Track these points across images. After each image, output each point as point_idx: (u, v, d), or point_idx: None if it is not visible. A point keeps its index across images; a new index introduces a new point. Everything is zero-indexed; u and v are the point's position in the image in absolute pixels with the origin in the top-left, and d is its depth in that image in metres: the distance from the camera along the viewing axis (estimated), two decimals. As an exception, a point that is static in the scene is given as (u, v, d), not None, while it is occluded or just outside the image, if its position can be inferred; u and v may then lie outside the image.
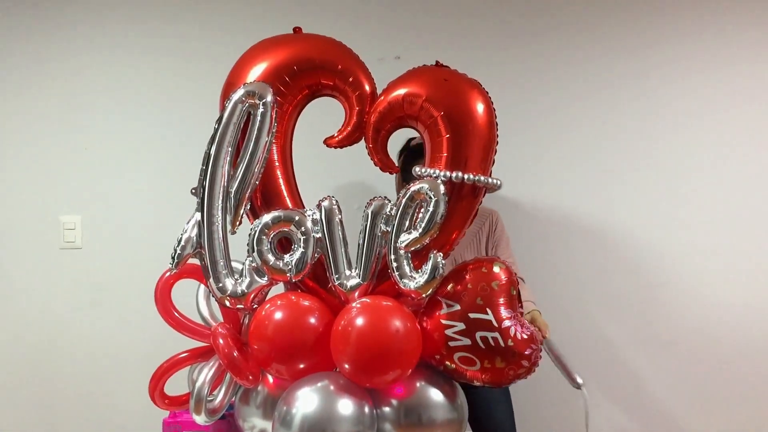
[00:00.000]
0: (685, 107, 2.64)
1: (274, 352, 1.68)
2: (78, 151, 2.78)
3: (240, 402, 1.82)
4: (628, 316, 2.66)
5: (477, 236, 2.33)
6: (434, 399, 1.68)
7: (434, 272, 1.63)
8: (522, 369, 1.64)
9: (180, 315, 1.87)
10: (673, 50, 2.64)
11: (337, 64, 1.77)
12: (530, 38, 2.68)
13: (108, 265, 2.76)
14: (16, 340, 2.81)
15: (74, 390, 2.80)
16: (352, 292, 1.68)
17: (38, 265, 2.79)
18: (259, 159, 1.71)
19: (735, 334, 2.62)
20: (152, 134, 2.76)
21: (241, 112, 1.71)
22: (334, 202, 1.70)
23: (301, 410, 1.60)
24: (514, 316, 1.65)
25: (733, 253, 2.62)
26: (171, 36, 2.75)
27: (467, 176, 1.67)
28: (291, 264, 1.68)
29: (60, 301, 2.79)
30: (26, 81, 2.79)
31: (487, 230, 2.34)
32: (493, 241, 2.34)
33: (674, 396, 2.65)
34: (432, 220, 1.63)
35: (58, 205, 2.79)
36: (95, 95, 2.77)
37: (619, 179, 2.66)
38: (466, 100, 1.71)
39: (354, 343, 1.62)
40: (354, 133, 1.79)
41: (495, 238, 2.35)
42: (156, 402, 1.87)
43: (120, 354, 2.76)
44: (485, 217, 2.36)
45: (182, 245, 1.70)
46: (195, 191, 1.72)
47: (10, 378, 2.82)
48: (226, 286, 1.70)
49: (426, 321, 1.69)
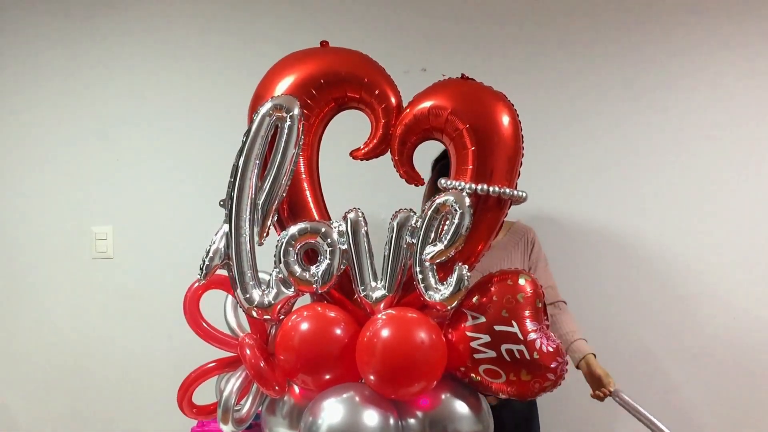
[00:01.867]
0: (714, 117, 2.61)
1: (300, 362, 1.69)
2: (110, 162, 2.82)
3: (266, 412, 1.83)
4: (658, 328, 2.63)
5: (510, 253, 2.27)
6: (459, 411, 1.68)
7: (459, 284, 1.63)
8: (548, 382, 1.64)
9: (208, 325, 1.88)
10: (701, 59, 2.62)
11: (364, 77, 1.78)
12: (557, 49, 2.67)
13: (139, 275, 2.80)
14: (48, 350, 2.85)
15: (104, 399, 2.83)
16: (378, 303, 1.68)
17: (70, 275, 2.84)
18: (286, 171, 1.73)
19: (765, 346, 2.58)
20: (182, 146, 2.79)
21: (269, 125, 1.73)
22: (360, 214, 1.71)
23: (326, 421, 1.61)
24: (540, 328, 1.65)
25: (764, 265, 2.58)
26: (201, 49, 2.79)
27: (492, 188, 1.67)
28: (317, 275, 1.70)
29: (91, 310, 2.83)
30: (59, 92, 2.84)
31: (521, 248, 2.29)
32: (530, 263, 2.29)
33: (705, 408, 2.61)
34: (457, 232, 1.63)
35: (91, 215, 2.83)
36: (127, 107, 2.82)
37: (648, 190, 2.64)
38: (491, 112, 1.72)
39: (379, 354, 1.62)
40: (380, 145, 1.81)
41: (532, 260, 2.29)
42: (184, 411, 1.89)
43: (149, 363, 2.79)
44: (521, 234, 2.31)
45: (210, 256, 1.72)
46: (223, 203, 1.74)
47: (42, 387, 2.87)
48: (254, 297, 1.71)
49: (451, 333, 1.69)
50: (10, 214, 2.87)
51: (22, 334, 2.86)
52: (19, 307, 2.87)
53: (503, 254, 2.26)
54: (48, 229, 2.85)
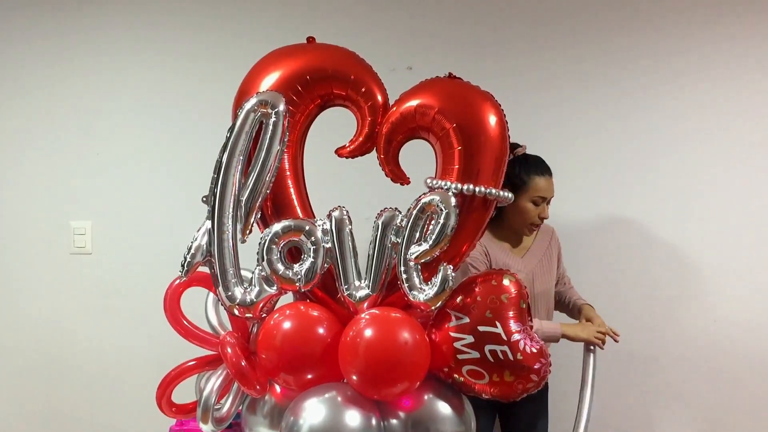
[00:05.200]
0: (708, 116, 2.63)
1: (282, 362, 1.68)
2: (89, 157, 2.79)
3: (247, 411, 1.82)
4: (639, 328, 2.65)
5: (547, 253, 2.32)
6: (442, 412, 1.68)
7: (444, 285, 1.63)
8: (531, 383, 1.64)
9: (188, 323, 1.87)
10: (701, 56, 2.64)
11: (350, 75, 1.77)
12: (545, 49, 2.67)
13: (118, 271, 2.78)
14: (25, 345, 2.82)
15: (81, 396, 2.81)
16: (361, 302, 1.67)
17: (48, 269, 2.81)
18: (271, 168, 1.71)
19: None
20: (164, 141, 2.77)
21: (254, 120, 1.71)
22: (344, 213, 1.70)
23: (308, 421, 1.60)
24: (524, 329, 1.65)
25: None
26: (184, 43, 2.76)
27: (478, 189, 1.67)
28: (300, 274, 1.68)
29: (69, 306, 2.80)
30: (38, 85, 2.80)
31: (553, 249, 2.35)
32: (557, 257, 2.38)
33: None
34: (443, 232, 1.62)
35: (69, 210, 2.80)
36: (107, 101, 2.78)
37: (648, 187, 2.66)
38: (478, 112, 1.71)
39: (362, 354, 1.61)
40: (366, 143, 1.80)
41: (559, 256, 2.39)
42: (163, 410, 1.88)
43: (128, 360, 2.77)
44: (548, 233, 2.36)
45: (192, 253, 1.70)
46: (206, 199, 1.72)
47: (18, 381, 2.84)
48: (236, 295, 1.70)
49: (435, 333, 1.69)
50: (-13, 208, 2.82)
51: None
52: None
53: (541, 257, 2.30)
54: (25, 223, 2.81)
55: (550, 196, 2.20)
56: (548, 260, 2.29)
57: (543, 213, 2.18)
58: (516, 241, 2.28)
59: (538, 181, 2.15)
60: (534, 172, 2.16)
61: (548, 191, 2.18)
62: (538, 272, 2.23)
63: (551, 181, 2.20)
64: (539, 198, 2.16)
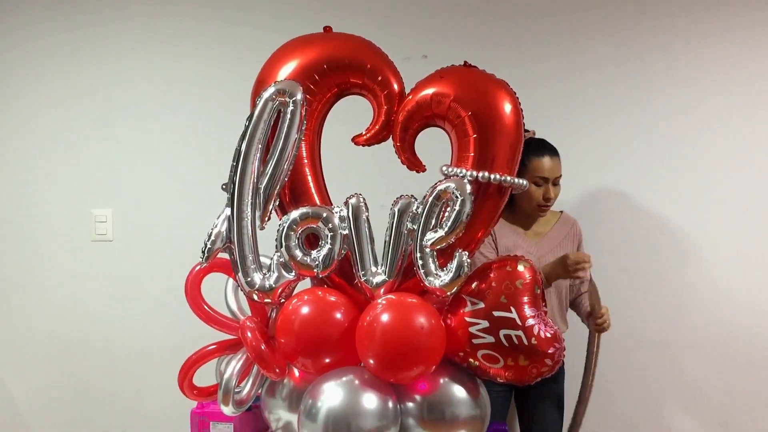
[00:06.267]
0: (714, 108, 2.63)
1: (300, 346, 1.70)
2: (110, 145, 2.82)
3: (266, 394, 1.85)
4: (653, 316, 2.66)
5: (564, 243, 2.34)
6: (457, 395, 1.70)
7: (459, 271, 1.65)
8: (545, 367, 1.66)
9: (209, 308, 1.90)
10: (704, 49, 2.63)
11: (366, 63, 1.78)
12: (559, 37, 2.67)
13: (139, 258, 2.81)
14: (48, 332, 2.87)
15: (104, 380, 2.85)
16: (378, 288, 1.69)
17: (70, 257, 2.85)
18: (289, 156, 1.73)
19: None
20: (184, 130, 2.79)
21: (272, 109, 1.73)
22: (361, 200, 1.72)
23: (326, 404, 1.63)
24: (538, 314, 1.67)
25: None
26: (204, 33, 2.78)
27: (493, 176, 1.68)
28: (318, 260, 1.71)
29: (91, 293, 2.84)
30: (59, 75, 2.84)
31: (570, 240, 2.36)
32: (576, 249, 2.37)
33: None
34: (458, 219, 1.64)
35: (90, 198, 2.84)
36: (127, 90, 2.81)
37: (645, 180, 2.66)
38: (493, 100, 1.72)
39: (379, 338, 1.64)
40: (382, 131, 1.81)
41: (579, 246, 2.39)
42: (185, 392, 1.90)
43: (150, 345, 2.81)
44: (569, 226, 2.38)
45: (212, 240, 1.73)
46: (225, 187, 1.74)
47: (41, 367, 2.88)
48: (255, 281, 1.73)
49: (450, 318, 1.71)
50: (10, 197, 2.87)
51: (22, 317, 2.88)
52: (19, 289, 2.88)
53: (555, 246, 2.31)
54: (48, 211, 2.85)
55: (552, 176, 2.22)
56: (563, 250, 2.30)
57: (547, 193, 2.20)
58: (528, 225, 2.31)
59: (536, 162, 2.18)
60: (533, 154, 2.18)
61: (549, 171, 2.20)
62: (550, 259, 2.24)
63: (554, 161, 2.22)
64: (540, 179, 2.19)
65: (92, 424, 2.87)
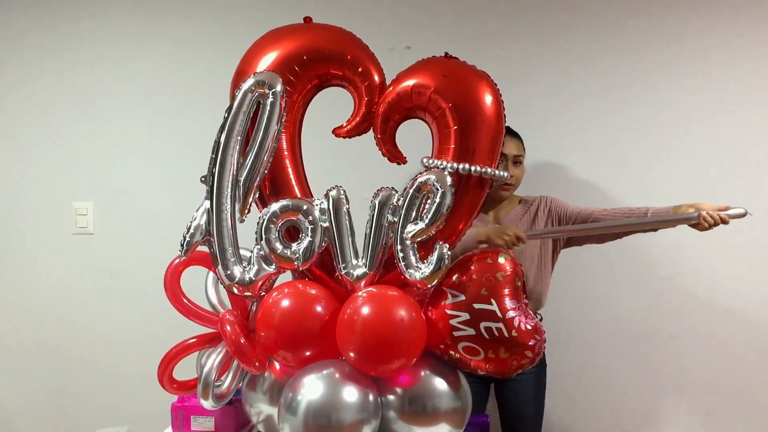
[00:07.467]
0: (703, 104, 2.63)
1: (280, 339, 1.70)
2: (90, 138, 2.81)
3: (247, 388, 1.85)
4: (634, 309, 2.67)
5: (522, 224, 2.33)
6: (439, 388, 1.69)
7: (440, 263, 1.64)
8: (526, 359, 1.66)
9: (189, 301, 1.89)
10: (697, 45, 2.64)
11: (347, 55, 1.77)
12: (543, 31, 2.67)
13: (119, 251, 2.80)
14: (29, 325, 2.85)
15: (84, 374, 2.85)
16: (359, 281, 1.69)
17: (51, 250, 2.84)
18: (268, 148, 1.72)
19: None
20: (163, 122, 2.78)
21: (251, 101, 1.72)
22: (341, 192, 1.71)
23: (306, 397, 1.62)
24: (519, 306, 1.66)
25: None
26: (182, 26, 2.77)
27: (474, 168, 1.68)
28: (298, 252, 1.70)
29: (72, 286, 2.83)
30: (40, 69, 2.82)
31: (538, 215, 2.34)
32: (561, 215, 2.34)
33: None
34: (438, 211, 1.64)
35: (71, 191, 2.82)
36: (107, 83, 2.80)
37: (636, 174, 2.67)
38: (474, 91, 1.71)
39: (359, 331, 1.63)
40: (362, 123, 1.80)
41: (559, 212, 2.35)
42: (164, 386, 1.89)
43: (130, 339, 2.80)
44: (530, 204, 2.37)
45: (191, 233, 1.71)
46: (204, 179, 1.73)
47: (22, 361, 2.87)
48: (235, 274, 1.72)
49: (431, 311, 1.71)
50: (-11, 189, 2.84)
51: (1, 310, 2.85)
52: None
53: (513, 225, 2.30)
54: (28, 204, 2.84)
55: (511, 154, 2.28)
56: (522, 228, 2.30)
57: (506, 170, 2.17)
58: (487, 208, 2.34)
59: None
60: None
61: (508, 149, 2.26)
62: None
63: (513, 141, 2.29)
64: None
65: (71, 415, 2.86)
